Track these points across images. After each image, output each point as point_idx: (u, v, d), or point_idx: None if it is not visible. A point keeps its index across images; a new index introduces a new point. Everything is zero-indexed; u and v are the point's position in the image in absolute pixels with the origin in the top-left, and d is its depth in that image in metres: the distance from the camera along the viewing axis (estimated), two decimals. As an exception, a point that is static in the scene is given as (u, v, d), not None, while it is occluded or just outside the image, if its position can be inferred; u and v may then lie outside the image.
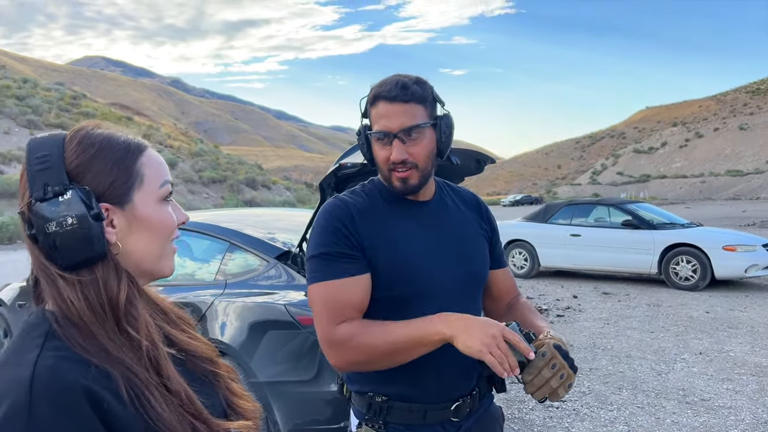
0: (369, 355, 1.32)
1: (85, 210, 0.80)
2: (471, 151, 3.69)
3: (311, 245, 1.42)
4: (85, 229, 0.79)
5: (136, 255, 0.87)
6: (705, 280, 8.94)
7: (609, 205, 10.55)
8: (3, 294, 5.15)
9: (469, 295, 1.50)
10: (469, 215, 1.58)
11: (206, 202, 37.67)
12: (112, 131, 0.89)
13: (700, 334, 6.42)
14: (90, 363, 0.76)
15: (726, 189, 76.00)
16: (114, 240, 0.84)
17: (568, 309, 7.99)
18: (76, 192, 0.80)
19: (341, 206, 1.44)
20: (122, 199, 0.85)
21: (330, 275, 1.36)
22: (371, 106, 1.40)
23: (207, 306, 3.38)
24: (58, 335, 0.78)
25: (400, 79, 1.38)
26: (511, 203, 73.63)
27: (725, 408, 4.27)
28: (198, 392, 0.87)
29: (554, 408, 4.35)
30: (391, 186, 1.44)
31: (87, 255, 0.80)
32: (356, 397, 1.49)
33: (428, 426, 1.43)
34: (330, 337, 1.34)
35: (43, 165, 0.81)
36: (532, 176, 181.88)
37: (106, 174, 0.84)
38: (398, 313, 1.38)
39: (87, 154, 0.84)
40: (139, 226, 0.87)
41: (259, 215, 4.93)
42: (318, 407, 2.98)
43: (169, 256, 0.93)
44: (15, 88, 48.18)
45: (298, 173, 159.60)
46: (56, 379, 0.72)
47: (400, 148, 1.37)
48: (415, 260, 1.41)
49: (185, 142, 53.77)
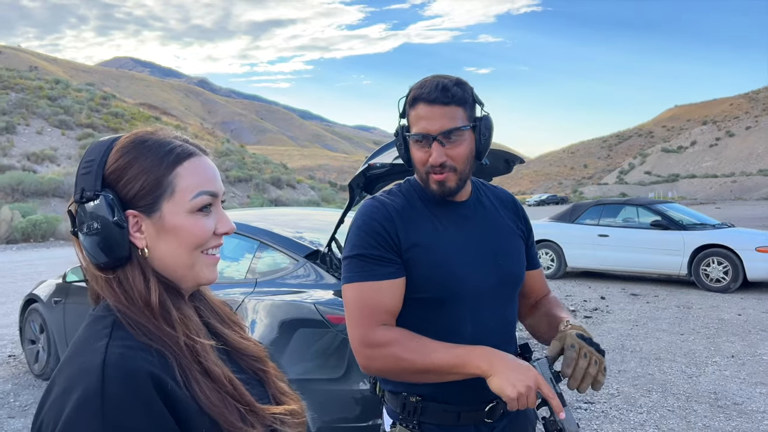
0: (401, 368, 1.33)
1: (109, 217, 0.85)
2: (500, 151, 3.67)
3: (348, 245, 1.43)
4: (107, 234, 0.85)
5: (166, 261, 0.90)
6: (737, 281, 8.77)
7: (638, 205, 10.40)
8: (39, 291, 5.27)
9: (505, 297, 1.49)
10: (506, 215, 1.57)
11: (232, 201, 38.06)
12: (163, 138, 0.92)
13: (732, 336, 6.31)
14: (151, 348, 0.82)
15: (758, 189, 74.30)
16: (142, 245, 0.88)
17: (596, 310, 7.90)
18: (104, 198, 0.85)
19: (379, 207, 1.44)
20: (150, 207, 0.88)
21: (366, 277, 1.37)
22: (410, 107, 1.40)
23: (237, 304, 3.42)
24: (123, 325, 0.83)
25: (441, 80, 1.37)
26: (536, 203, 72.97)
27: (758, 412, 4.19)
28: (246, 383, 0.91)
29: (582, 410, 4.31)
30: (428, 188, 1.43)
31: (110, 257, 0.86)
32: (390, 397, 1.49)
33: (462, 427, 1.43)
34: (365, 339, 1.34)
35: (86, 170, 0.88)
36: (557, 176, 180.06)
37: (136, 182, 0.87)
38: (434, 314, 1.39)
39: (123, 161, 0.88)
40: (167, 234, 0.89)
41: (286, 214, 4.98)
42: (347, 405, 3.00)
43: (205, 265, 0.93)
44: (47, 89, 49.25)
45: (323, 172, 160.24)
46: (125, 364, 0.77)
47: (439, 151, 1.36)
48: (452, 262, 1.41)
49: (212, 142, 54.38)
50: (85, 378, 0.75)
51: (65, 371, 0.78)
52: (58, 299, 4.91)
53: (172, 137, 0.93)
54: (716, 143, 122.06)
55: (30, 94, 45.70)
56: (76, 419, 0.72)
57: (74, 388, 0.74)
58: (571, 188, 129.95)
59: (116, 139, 0.91)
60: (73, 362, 0.79)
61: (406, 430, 1.43)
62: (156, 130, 0.93)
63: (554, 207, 54.18)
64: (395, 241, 1.39)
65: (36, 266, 14.16)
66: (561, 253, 10.63)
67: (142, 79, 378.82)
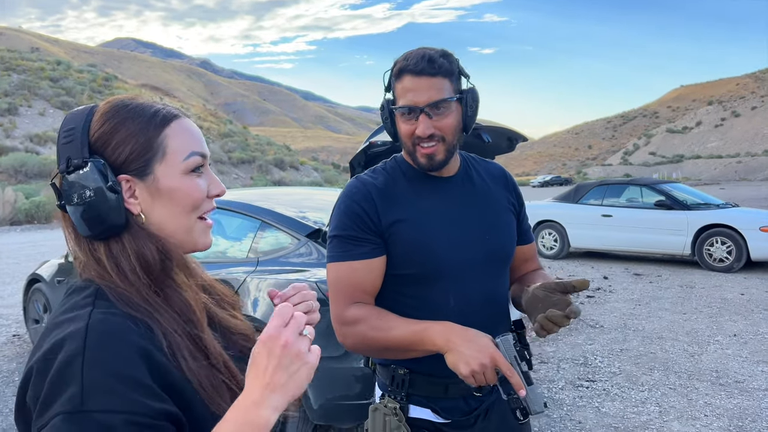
0: (367, 345, 1.38)
1: (102, 183, 0.82)
2: (502, 128, 3.65)
3: (331, 226, 1.45)
4: (102, 201, 0.82)
5: (162, 226, 0.88)
6: (740, 261, 8.76)
7: (642, 185, 10.35)
8: (42, 270, 5.29)
9: (493, 272, 1.48)
10: (496, 190, 1.55)
11: (235, 183, 38.05)
12: (143, 102, 0.89)
13: (734, 315, 6.31)
14: (136, 318, 0.80)
15: (763, 170, 73.97)
16: (137, 211, 0.86)
17: (599, 290, 7.91)
18: (93, 165, 0.82)
19: (360, 187, 1.44)
20: (143, 171, 0.86)
21: (343, 257, 1.40)
22: (396, 80, 1.38)
23: (239, 283, 3.43)
24: (105, 296, 0.82)
25: (426, 52, 1.35)
26: (540, 184, 72.84)
27: (760, 390, 4.20)
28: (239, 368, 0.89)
29: (584, 388, 4.33)
30: (416, 162, 1.42)
31: (106, 225, 0.83)
32: (380, 370, 1.52)
33: (450, 399, 1.44)
34: (339, 317, 1.40)
35: (68, 138, 0.84)
36: (561, 156, 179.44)
37: (125, 146, 0.84)
38: (417, 290, 1.40)
39: (108, 126, 0.85)
40: (162, 197, 0.87)
41: (289, 194, 4.97)
42: (348, 383, 3.02)
43: (202, 230, 0.92)
44: (49, 70, 49.09)
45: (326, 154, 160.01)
46: (107, 328, 0.76)
47: (426, 123, 1.35)
48: (434, 238, 1.40)
49: (214, 123, 54.26)
50: (67, 344, 0.74)
51: (48, 338, 0.77)
52: (61, 279, 4.93)
53: (152, 101, 0.91)
54: (722, 124, 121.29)
55: (32, 76, 45.58)
56: (59, 383, 0.71)
57: (57, 353, 0.74)
58: (575, 169, 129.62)
59: (94, 107, 0.88)
60: (54, 330, 0.78)
61: (394, 401, 1.44)
62: (135, 96, 0.91)
63: (558, 188, 54.09)
64: (374, 220, 1.40)
65: (39, 247, 14.23)
66: (564, 233, 10.62)
67: (144, 60, 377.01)
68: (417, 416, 1.44)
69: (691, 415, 3.81)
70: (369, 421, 1.46)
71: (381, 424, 1.42)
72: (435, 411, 1.44)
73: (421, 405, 1.44)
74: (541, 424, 3.74)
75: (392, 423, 1.41)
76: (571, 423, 3.75)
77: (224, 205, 3.94)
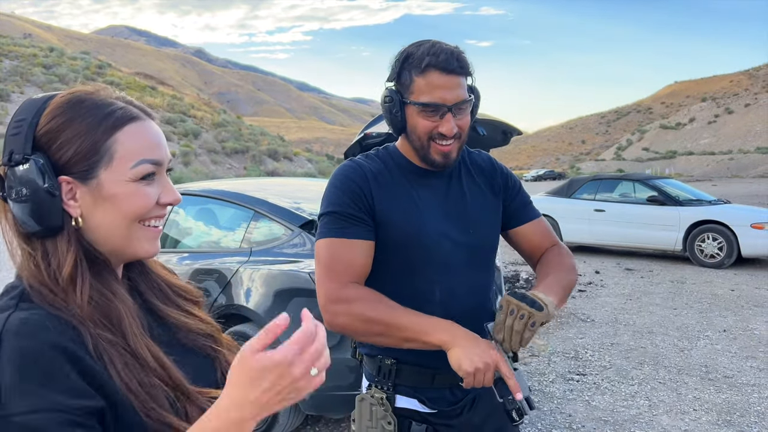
0: (364, 326, 1.33)
1: (39, 183, 0.78)
2: (497, 122, 3.65)
3: (325, 202, 1.42)
4: (37, 202, 0.78)
5: (101, 232, 0.84)
6: (731, 257, 8.81)
7: (634, 181, 10.39)
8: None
9: (477, 264, 1.48)
10: (482, 182, 1.54)
11: (228, 173, 37.93)
12: (101, 100, 0.85)
13: (724, 311, 6.36)
14: (60, 318, 0.77)
15: (755, 167, 74.34)
16: (76, 214, 0.82)
17: (590, 284, 7.95)
18: (34, 163, 0.78)
19: (356, 168, 1.43)
20: (86, 174, 0.81)
21: (339, 234, 1.37)
22: (418, 73, 1.35)
23: (232, 273, 3.42)
24: (30, 297, 0.79)
25: (453, 49, 1.35)
26: (533, 178, 72.96)
27: (748, 385, 4.24)
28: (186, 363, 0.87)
29: (575, 381, 4.36)
30: (427, 158, 1.41)
31: (41, 225, 0.79)
32: (367, 360, 1.51)
33: (437, 390, 1.45)
34: (333, 294, 1.34)
35: (16, 130, 0.80)
36: (555, 151, 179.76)
37: (70, 146, 0.80)
38: (404, 279, 1.40)
39: (56, 123, 0.81)
40: (105, 203, 0.82)
41: (284, 184, 4.96)
42: (340, 373, 3.02)
43: (145, 238, 0.87)
44: (42, 56, 48.64)
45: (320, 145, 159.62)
46: (22, 329, 0.73)
47: (453, 122, 1.36)
48: (423, 229, 1.41)
49: (208, 113, 53.98)
50: None
51: None
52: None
53: (114, 98, 0.86)
54: (715, 120, 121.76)
55: (24, 62, 45.14)
56: None
57: None
58: (568, 164, 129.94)
59: (51, 98, 0.83)
60: None
61: (381, 391, 1.44)
62: (96, 90, 0.86)
63: (551, 182, 54.20)
64: (369, 202, 1.39)
65: None
66: (557, 227, 10.64)
67: (138, 48, 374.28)
68: (404, 406, 1.44)
69: (680, 409, 3.84)
70: (355, 411, 1.47)
71: (368, 414, 1.43)
72: (422, 401, 1.45)
73: (407, 395, 1.45)
74: (531, 417, 3.76)
75: (379, 413, 1.42)
76: (561, 416, 3.78)
77: (218, 195, 3.93)
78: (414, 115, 1.38)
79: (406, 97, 1.38)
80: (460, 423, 1.46)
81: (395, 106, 1.39)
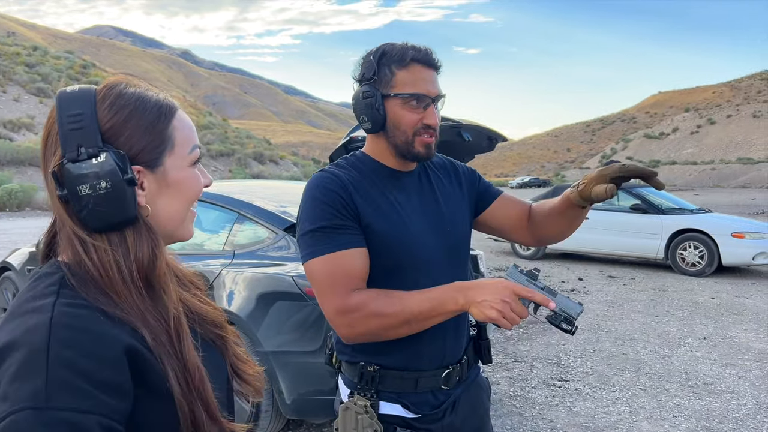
0: (384, 323, 1.30)
1: (120, 174, 0.78)
2: (483, 128, 3.67)
3: (306, 219, 1.37)
4: (118, 194, 0.78)
5: (161, 218, 0.86)
6: (712, 266, 8.91)
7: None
8: (12, 259, 5.18)
9: (455, 261, 1.51)
10: (447, 181, 1.59)
11: (214, 175, 37.73)
12: (143, 90, 0.87)
13: (704, 319, 6.42)
14: (107, 312, 0.76)
15: (736, 177, 75.38)
16: (143, 203, 0.84)
17: (573, 291, 7.99)
18: (110, 155, 0.78)
19: (333, 178, 1.40)
20: (155, 162, 0.84)
21: (331, 248, 1.33)
22: (400, 67, 1.37)
23: (215, 275, 3.40)
24: (72, 285, 0.77)
25: (425, 47, 1.41)
26: (518, 185, 73.36)
27: (727, 392, 4.28)
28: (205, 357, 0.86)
29: (556, 387, 4.37)
30: (410, 152, 1.42)
31: (118, 219, 0.79)
32: (347, 367, 1.48)
33: (420, 394, 1.44)
34: (342, 307, 1.31)
35: (76, 124, 0.78)
36: (540, 159, 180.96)
37: (139, 137, 0.82)
38: (393, 282, 1.38)
39: (121, 115, 0.81)
40: (169, 189, 0.86)
41: (269, 187, 4.93)
42: (322, 378, 3.01)
43: (190, 221, 0.93)
44: (25, 55, 48.11)
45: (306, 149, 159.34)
46: (74, 322, 0.72)
47: (436, 113, 1.40)
48: (404, 231, 1.41)
49: (194, 115, 53.68)
50: (28, 339, 0.69)
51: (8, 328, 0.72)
52: (31, 267, 4.83)
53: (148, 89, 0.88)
54: (697, 131, 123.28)
55: (7, 60, 44.61)
56: (19, 377, 0.66)
57: (17, 347, 0.68)
58: (553, 171, 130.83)
59: (95, 92, 0.82)
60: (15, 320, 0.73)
61: (365, 399, 1.42)
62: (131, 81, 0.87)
63: (536, 190, 54.54)
64: (354, 209, 1.38)
65: (10, 235, 13.94)
66: (541, 234, 10.69)
67: (123, 48, 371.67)
68: (387, 412, 1.43)
69: (660, 416, 3.87)
70: (339, 420, 1.44)
71: (353, 423, 1.41)
72: (405, 406, 1.44)
73: (391, 401, 1.44)
74: (513, 422, 3.77)
75: (364, 421, 1.40)
76: (543, 422, 3.79)
77: (202, 197, 3.90)
78: (397, 108, 1.39)
79: (386, 91, 1.38)
80: (443, 426, 1.46)
81: (377, 100, 1.38)
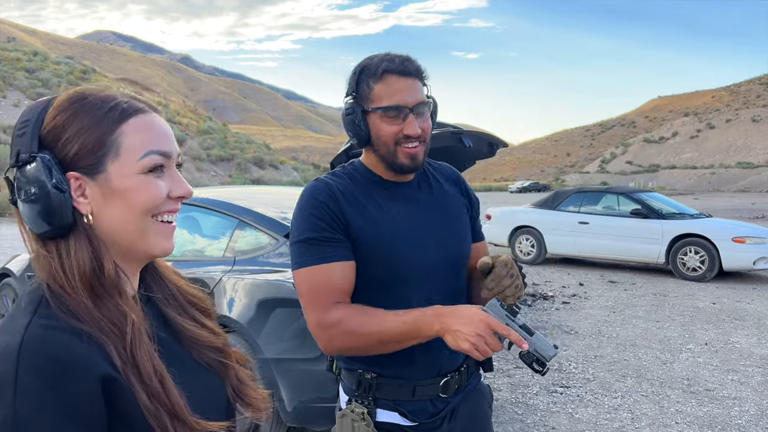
0: (359, 342, 1.32)
1: (47, 180, 0.76)
2: (483, 134, 3.67)
3: (296, 229, 1.39)
4: (45, 200, 0.77)
5: (114, 228, 0.82)
6: (713, 271, 8.90)
7: (618, 194, 10.48)
8: (12, 265, 5.18)
9: (452, 274, 1.48)
10: (451, 192, 1.56)
11: (213, 180, 37.74)
12: (106, 95, 0.83)
13: (706, 324, 6.41)
14: (82, 332, 0.74)
15: (736, 181, 75.45)
16: (86, 211, 0.80)
17: (574, 296, 7.98)
18: (40, 160, 0.77)
19: (323, 188, 1.40)
20: (94, 168, 0.80)
21: (317, 260, 1.34)
22: (376, 81, 1.37)
23: (215, 282, 3.39)
24: (50, 303, 0.76)
25: (402, 55, 1.40)
26: (518, 190, 73.36)
27: (730, 399, 4.26)
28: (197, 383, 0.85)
29: (558, 393, 4.36)
30: (395, 163, 1.40)
31: (50, 226, 0.78)
32: (346, 374, 1.48)
33: (417, 402, 1.43)
34: (321, 321, 1.33)
35: (21, 131, 0.79)
36: (540, 163, 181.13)
37: (75, 141, 0.79)
38: (381, 295, 1.38)
39: (60, 119, 0.80)
40: (115, 198, 0.81)
41: (270, 193, 4.93)
42: (323, 385, 2.99)
43: (159, 234, 0.84)
44: (25, 60, 48.18)
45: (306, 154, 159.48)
46: (46, 349, 0.70)
47: (416, 123, 1.37)
48: (397, 243, 1.40)
49: (194, 120, 53.75)
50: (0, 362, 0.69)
51: None
52: (31, 274, 4.82)
53: (118, 94, 0.85)
54: (697, 135, 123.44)
55: (7, 66, 44.67)
56: None
57: None
58: (553, 176, 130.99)
59: (53, 99, 0.83)
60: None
61: (362, 406, 1.42)
62: (100, 88, 0.85)
63: (536, 194, 54.57)
64: (343, 221, 1.37)
65: (11, 241, 13.94)
66: (541, 239, 10.70)
67: (123, 53, 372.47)
68: (384, 420, 1.43)
69: (662, 422, 3.85)
70: (336, 427, 1.45)
71: (349, 430, 1.41)
72: (402, 414, 1.43)
73: (388, 409, 1.43)
74: (515, 429, 3.75)
75: (361, 428, 1.40)
76: (545, 429, 3.77)
77: (202, 203, 3.89)
78: (377, 122, 1.38)
79: (366, 106, 1.39)
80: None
81: (357, 116, 1.39)
